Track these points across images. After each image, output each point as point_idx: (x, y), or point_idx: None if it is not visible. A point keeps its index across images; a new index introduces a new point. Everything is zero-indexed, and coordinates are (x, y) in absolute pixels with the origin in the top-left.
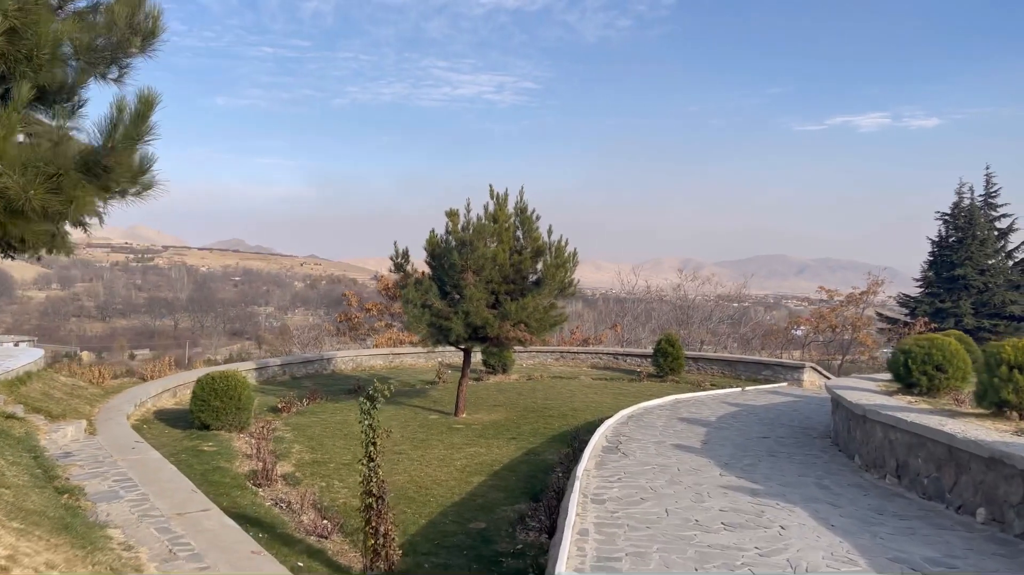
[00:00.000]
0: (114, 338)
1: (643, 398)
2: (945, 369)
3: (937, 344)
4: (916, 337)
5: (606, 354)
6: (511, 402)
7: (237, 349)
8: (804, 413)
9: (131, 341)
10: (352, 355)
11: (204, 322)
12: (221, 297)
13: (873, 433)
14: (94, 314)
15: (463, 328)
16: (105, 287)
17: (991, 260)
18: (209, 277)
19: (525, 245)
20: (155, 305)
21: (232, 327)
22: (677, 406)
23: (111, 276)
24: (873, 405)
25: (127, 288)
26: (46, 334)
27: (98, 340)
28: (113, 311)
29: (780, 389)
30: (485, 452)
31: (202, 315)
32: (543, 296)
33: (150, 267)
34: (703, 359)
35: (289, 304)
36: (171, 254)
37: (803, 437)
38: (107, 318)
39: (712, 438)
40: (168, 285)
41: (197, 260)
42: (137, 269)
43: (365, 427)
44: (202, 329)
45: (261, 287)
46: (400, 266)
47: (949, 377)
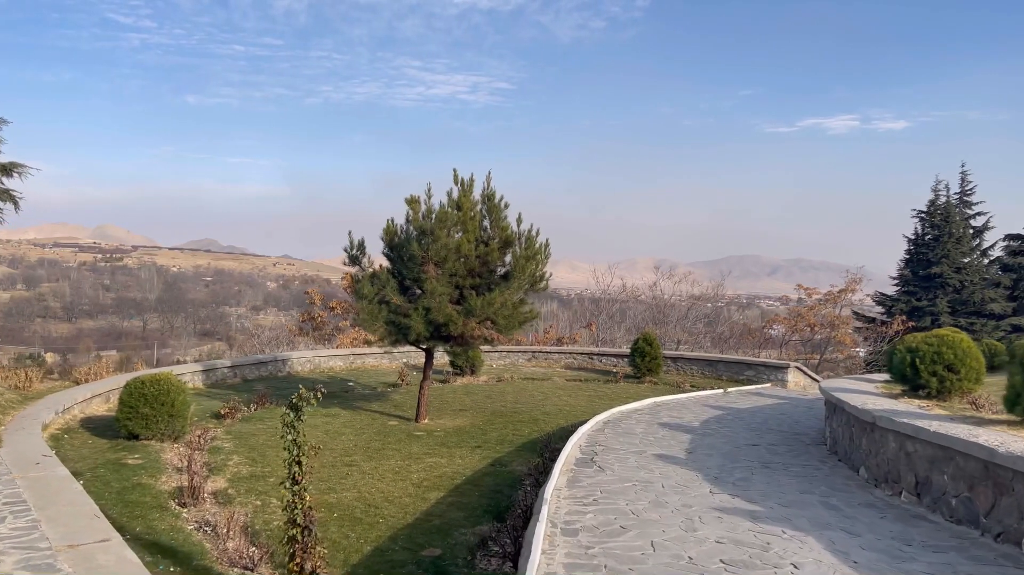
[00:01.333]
0: (80, 339)
1: (620, 401)
2: (957, 370)
3: (948, 342)
4: (924, 334)
5: (580, 354)
6: (478, 406)
7: (207, 350)
8: (793, 417)
9: (98, 342)
10: (309, 356)
11: (174, 323)
12: (192, 298)
13: (884, 443)
14: (60, 315)
15: (424, 326)
16: (72, 287)
17: (967, 258)
18: (180, 277)
19: (492, 235)
20: (123, 306)
21: (203, 328)
22: (657, 410)
23: (78, 276)
24: (883, 410)
25: (94, 288)
26: (9, 335)
27: (63, 341)
28: (80, 312)
29: (764, 390)
30: (446, 463)
31: (172, 316)
32: (512, 291)
33: (119, 267)
34: (682, 359)
35: (261, 304)
36: (141, 254)
37: (796, 444)
38: (73, 319)
39: (698, 446)
40: (137, 285)
41: (168, 260)
42: (105, 269)
43: (288, 443)
44: (172, 330)
45: (233, 287)
46: (355, 258)
47: (962, 378)
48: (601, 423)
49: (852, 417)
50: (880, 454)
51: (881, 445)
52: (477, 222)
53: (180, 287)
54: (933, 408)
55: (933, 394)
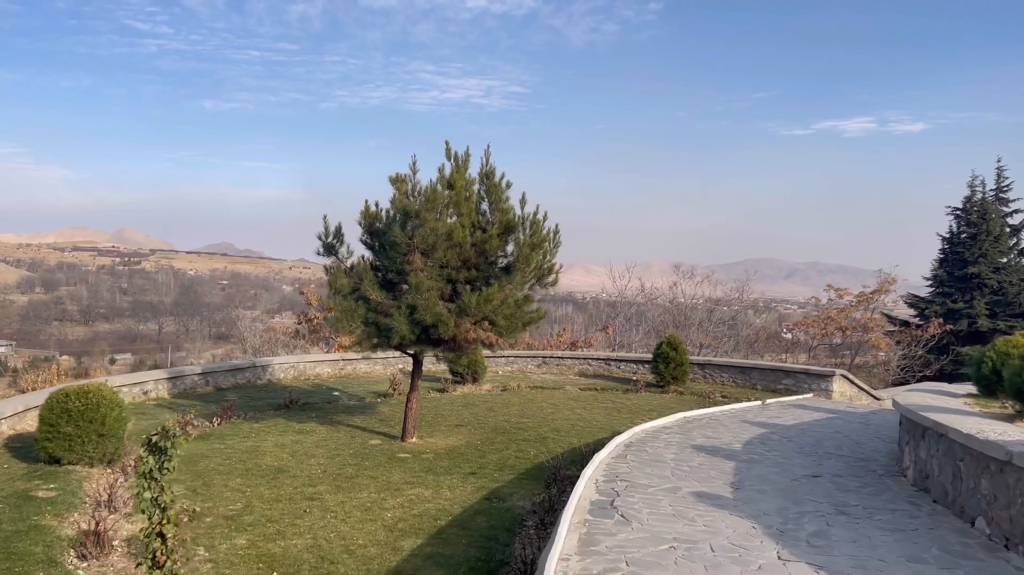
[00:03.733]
0: (95, 342)
1: (643, 415)
2: None
3: None
4: None
5: (597, 359)
6: (478, 421)
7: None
8: (850, 436)
9: (113, 345)
10: (293, 362)
11: (189, 326)
12: (207, 301)
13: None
14: (77, 318)
15: (408, 327)
16: (89, 290)
17: (1004, 258)
18: (196, 281)
19: (491, 220)
20: (140, 309)
21: (217, 331)
22: (688, 427)
23: (96, 280)
24: (1019, 442)
25: (111, 292)
26: (26, 338)
27: (79, 344)
28: (96, 315)
29: (806, 402)
30: (431, 496)
31: (187, 319)
32: (515, 286)
33: (136, 271)
34: (711, 366)
35: (277, 308)
36: (158, 258)
37: (867, 475)
38: (90, 322)
39: (745, 479)
40: (154, 289)
41: (185, 264)
42: (123, 273)
43: (146, 503)
44: (187, 333)
45: (249, 291)
46: (331, 247)
47: None
48: (622, 447)
49: (961, 448)
50: (1019, 505)
51: (1020, 492)
52: (473, 204)
53: (196, 290)
54: None
55: None
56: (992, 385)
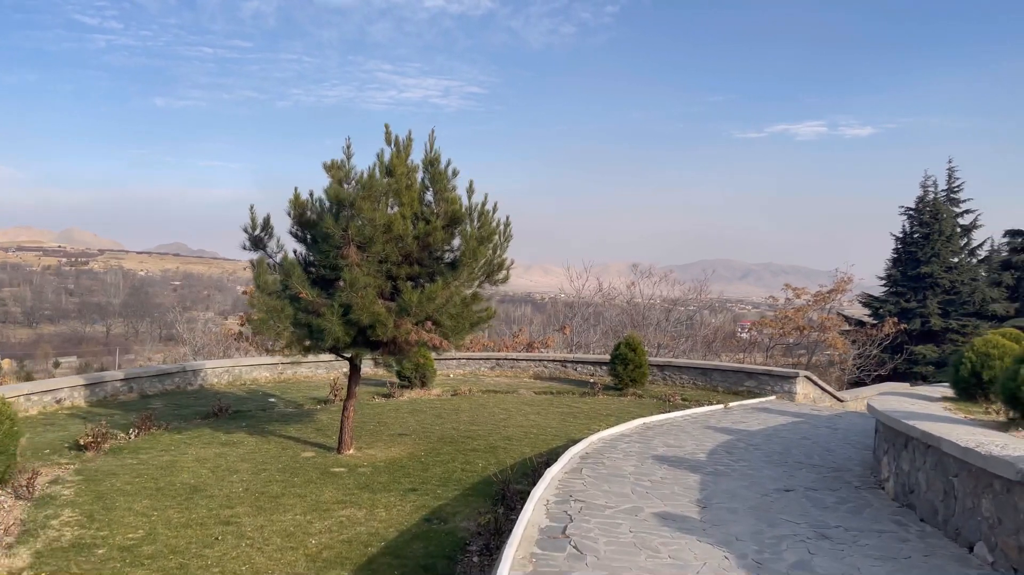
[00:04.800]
0: (39, 345)
1: (599, 420)
2: None
3: None
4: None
5: (553, 361)
6: (424, 429)
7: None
8: (819, 442)
9: (58, 348)
10: (228, 366)
11: (139, 328)
12: (159, 302)
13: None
14: (20, 320)
15: (343, 328)
16: (33, 292)
17: (956, 258)
18: (147, 282)
19: (436, 210)
20: (87, 310)
21: (168, 333)
22: (648, 435)
23: (41, 280)
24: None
25: (57, 293)
26: None
27: (22, 347)
28: (41, 317)
29: (770, 404)
30: (364, 518)
31: (137, 321)
32: (461, 282)
33: (84, 271)
34: (670, 367)
35: (231, 309)
36: (107, 258)
37: (843, 488)
38: (34, 324)
39: (713, 496)
40: (102, 290)
41: (135, 264)
42: (70, 273)
43: None
44: (136, 335)
45: (202, 292)
46: (258, 241)
47: None
48: (577, 459)
49: (956, 463)
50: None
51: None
52: (416, 193)
53: (147, 291)
54: None
55: None
56: (971, 388)
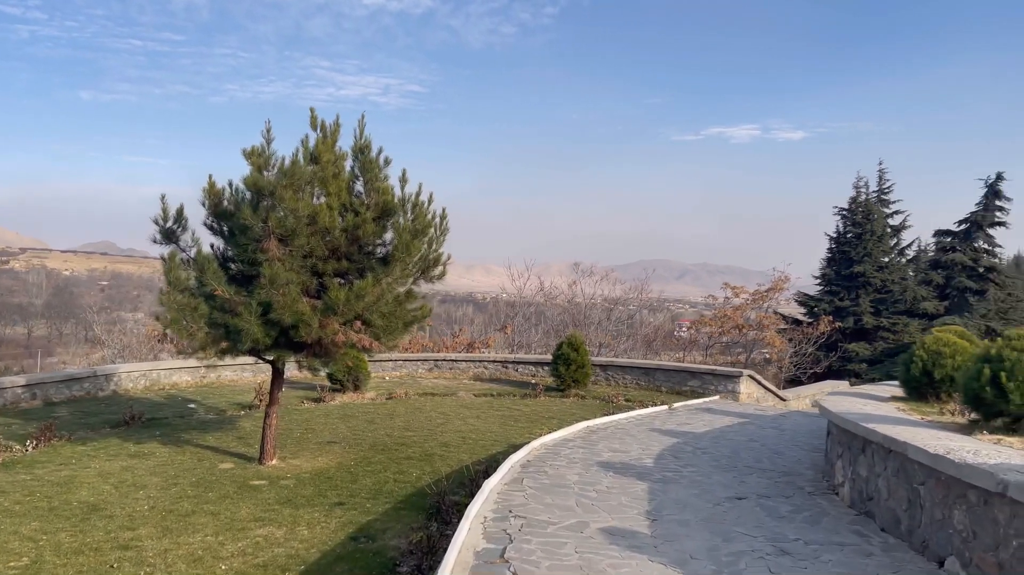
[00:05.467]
0: None
1: (541, 423)
2: None
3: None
4: (1014, 332)
5: (493, 362)
6: (355, 436)
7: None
8: (767, 444)
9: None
10: (145, 369)
11: (63, 330)
12: (85, 302)
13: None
14: None
15: (262, 329)
16: None
17: (887, 257)
18: (72, 281)
19: (367, 201)
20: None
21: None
22: (592, 439)
23: None
24: (1012, 467)
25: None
26: None
27: None
28: None
29: (714, 405)
30: (283, 537)
31: (61, 322)
32: (394, 278)
33: (4, 270)
34: (613, 367)
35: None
36: (29, 256)
37: (794, 493)
38: None
39: (663, 506)
40: (24, 290)
41: (60, 263)
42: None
43: None
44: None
45: (131, 292)
46: (170, 234)
47: None
48: (518, 468)
49: (924, 471)
50: (1014, 548)
51: (1016, 532)
52: (344, 183)
53: (72, 291)
54: None
55: None
56: (922, 387)
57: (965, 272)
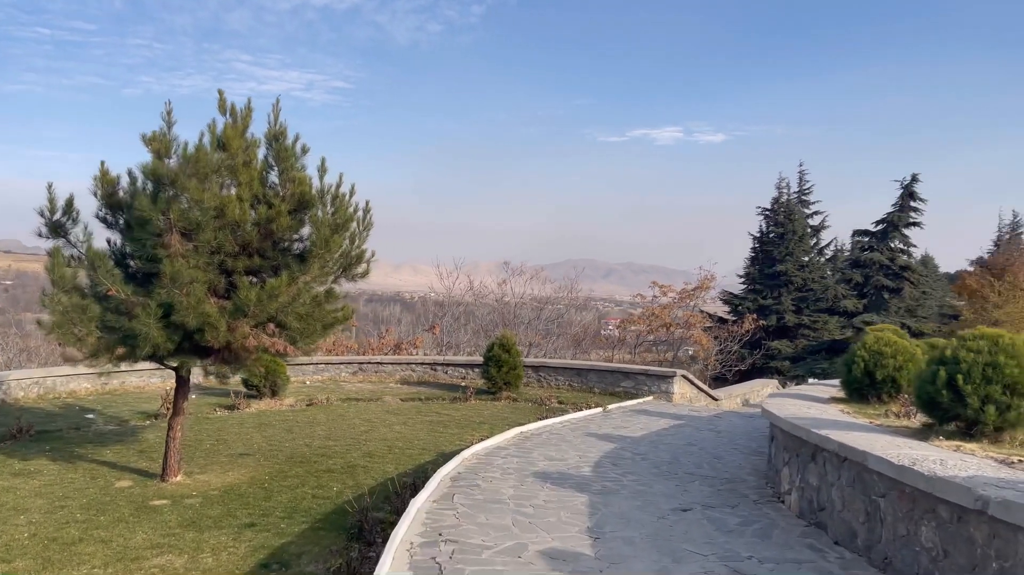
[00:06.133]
0: None
1: (472, 429)
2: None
3: (1005, 346)
4: (968, 333)
5: (421, 364)
6: (271, 447)
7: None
8: (706, 448)
9: None
10: (39, 376)
11: None
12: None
13: (1013, 549)
14: None
15: (163, 333)
16: None
17: (807, 256)
18: None
19: (282, 193)
20: None
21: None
22: (526, 446)
23: None
24: (987, 480)
25: None
26: None
27: None
28: None
29: (648, 406)
30: (184, 566)
31: None
32: (312, 277)
33: None
34: (545, 368)
35: None
36: None
37: (740, 502)
38: None
39: (605, 521)
40: None
41: None
42: None
43: None
44: None
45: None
46: (59, 227)
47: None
48: (448, 482)
49: (885, 482)
50: (993, 570)
51: (996, 553)
52: (256, 172)
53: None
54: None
55: (985, 432)
56: (864, 388)
57: (882, 271)
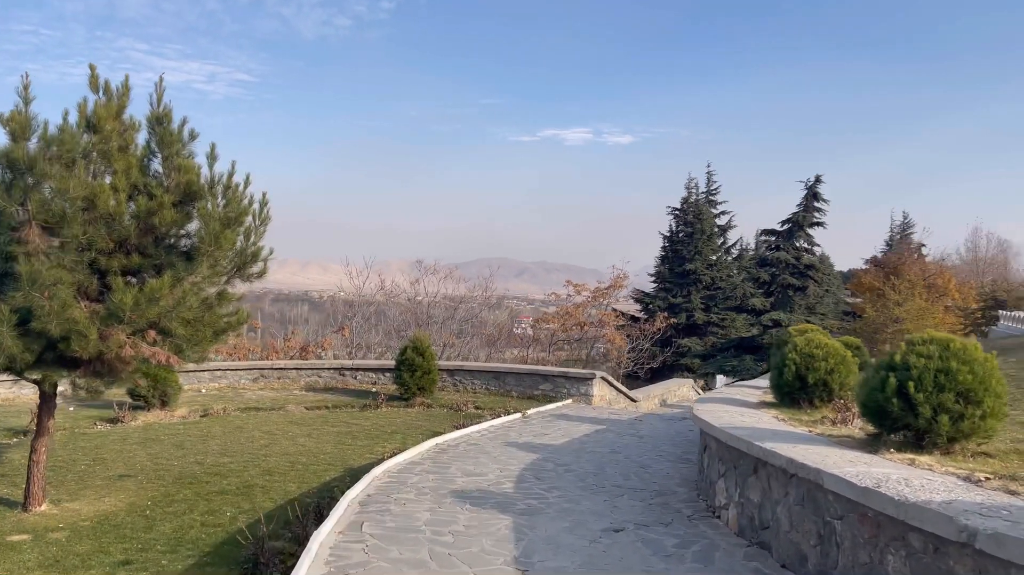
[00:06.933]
0: None
1: (384, 439)
2: (979, 400)
3: (956, 352)
4: (917, 337)
5: (329, 370)
6: (157, 466)
7: None
8: (631, 456)
9: None
10: None
11: None
12: None
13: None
14: None
15: (19, 343)
16: None
17: (715, 255)
18: None
19: (166, 183)
20: None
21: None
22: (443, 460)
23: None
24: (968, 506)
25: None
26: None
27: None
28: None
29: (568, 410)
30: None
31: None
32: (201, 277)
33: None
34: (462, 371)
35: None
36: None
37: (674, 519)
38: None
39: (533, 548)
40: None
41: None
42: None
43: None
44: None
45: None
46: None
47: (986, 415)
48: (357, 507)
49: (843, 504)
50: None
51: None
52: (135, 159)
53: None
54: (999, 482)
55: (938, 444)
56: (795, 393)
57: (788, 270)
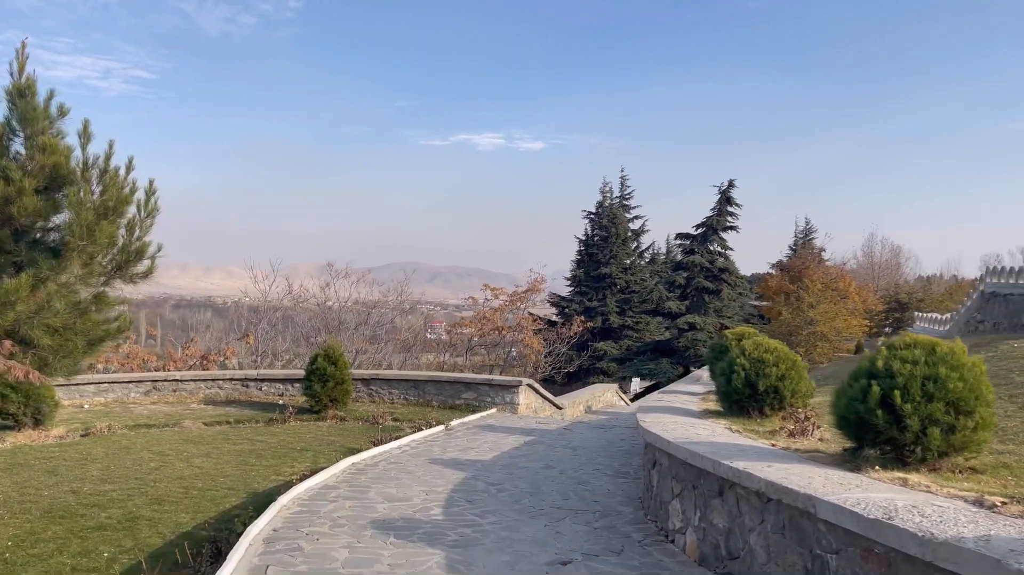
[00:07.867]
0: None
1: (292, 458)
2: (971, 410)
3: (944, 356)
4: (899, 340)
5: (231, 380)
6: (23, 496)
7: None
8: (567, 472)
9: None
10: None
11: None
12: None
13: None
14: None
15: None
16: None
17: (629, 259)
18: None
19: (29, 166)
20: None
21: None
22: (360, 482)
23: None
24: (1008, 543)
25: None
26: None
27: None
28: None
29: (494, 420)
30: None
31: None
32: (73, 276)
33: None
34: (378, 380)
35: None
36: None
37: (626, 546)
38: None
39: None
40: None
41: None
42: None
43: None
44: None
45: None
46: None
47: (980, 426)
48: (261, 545)
49: (841, 536)
50: None
51: None
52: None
53: None
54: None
55: (921, 458)
56: (744, 401)
57: (703, 273)
